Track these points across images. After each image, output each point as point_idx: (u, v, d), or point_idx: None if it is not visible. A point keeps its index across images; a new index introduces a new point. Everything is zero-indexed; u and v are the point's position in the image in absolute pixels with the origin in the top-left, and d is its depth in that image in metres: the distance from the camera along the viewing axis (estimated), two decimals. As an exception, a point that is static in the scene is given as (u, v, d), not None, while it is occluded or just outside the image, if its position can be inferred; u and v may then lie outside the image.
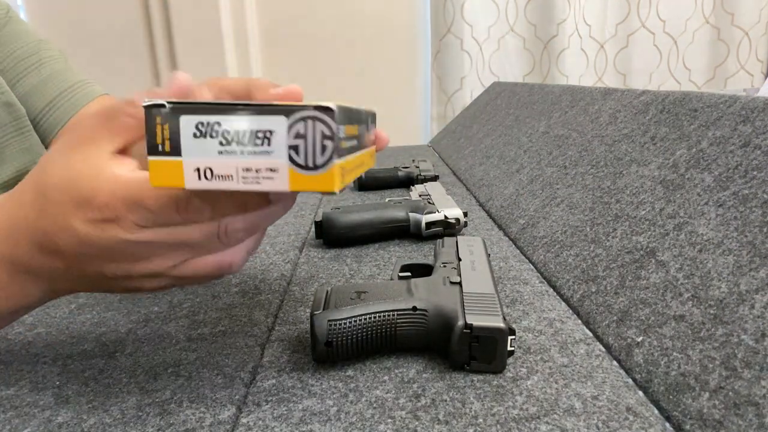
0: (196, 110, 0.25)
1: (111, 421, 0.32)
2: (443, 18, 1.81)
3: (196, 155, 0.25)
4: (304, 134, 0.24)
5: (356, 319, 0.36)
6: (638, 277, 0.42)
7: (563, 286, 0.49)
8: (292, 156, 0.24)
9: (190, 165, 0.25)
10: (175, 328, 0.44)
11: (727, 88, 1.96)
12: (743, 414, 0.28)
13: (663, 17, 1.91)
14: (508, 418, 0.31)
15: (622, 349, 0.37)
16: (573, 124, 0.76)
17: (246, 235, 0.32)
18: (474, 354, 0.35)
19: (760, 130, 0.42)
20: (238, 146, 0.25)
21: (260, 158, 0.25)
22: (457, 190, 0.92)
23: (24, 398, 0.35)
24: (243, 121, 0.24)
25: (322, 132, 0.24)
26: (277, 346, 0.41)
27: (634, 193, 0.51)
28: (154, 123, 0.25)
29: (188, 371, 0.37)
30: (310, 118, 0.24)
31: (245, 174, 0.25)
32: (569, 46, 1.87)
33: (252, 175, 0.25)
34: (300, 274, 0.55)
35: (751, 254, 0.35)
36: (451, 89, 1.87)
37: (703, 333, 0.33)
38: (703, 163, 0.45)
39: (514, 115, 1.06)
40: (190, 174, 0.25)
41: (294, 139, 0.24)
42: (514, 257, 0.58)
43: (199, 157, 0.25)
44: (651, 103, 0.60)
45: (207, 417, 0.32)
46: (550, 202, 0.64)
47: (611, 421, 0.31)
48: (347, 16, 1.87)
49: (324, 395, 0.34)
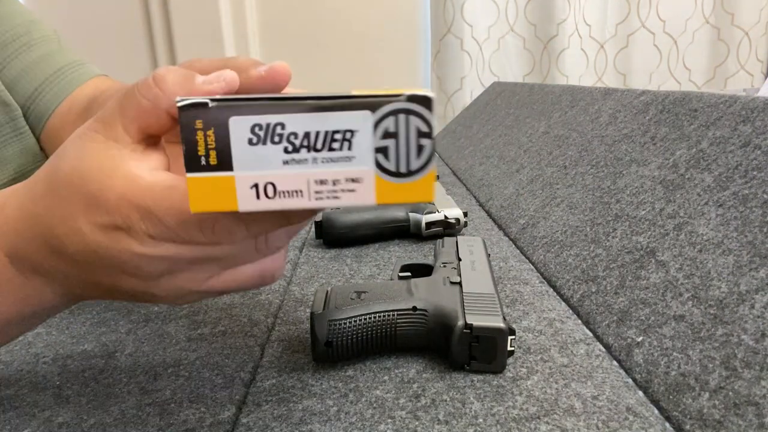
0: (250, 109, 0.20)
1: (111, 421, 0.32)
2: (443, 18, 1.81)
3: (254, 168, 0.20)
4: (395, 132, 0.20)
5: (356, 319, 0.36)
6: (638, 277, 0.42)
7: (563, 286, 0.49)
8: (380, 161, 0.20)
9: (246, 181, 0.20)
10: (175, 328, 0.44)
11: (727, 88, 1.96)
12: (743, 414, 0.28)
13: (663, 17, 1.91)
14: (508, 418, 0.31)
15: (622, 349, 0.37)
16: (573, 124, 0.76)
17: (289, 240, 0.28)
18: (474, 354, 0.35)
19: (760, 130, 0.42)
20: (310, 153, 0.20)
21: (338, 166, 0.20)
22: (457, 190, 0.92)
23: (24, 398, 0.35)
24: (315, 120, 0.20)
25: (418, 128, 0.20)
26: (277, 346, 0.41)
27: (634, 193, 0.51)
28: (193, 128, 0.20)
29: (188, 371, 0.37)
30: (402, 112, 0.20)
31: (319, 187, 0.20)
32: (569, 46, 1.86)
33: (328, 189, 0.20)
34: (300, 274, 0.55)
35: (751, 254, 0.35)
36: (451, 89, 1.87)
37: (703, 333, 0.33)
38: (703, 163, 0.45)
39: (514, 115, 1.05)
40: (245, 192, 0.20)
41: (382, 139, 0.20)
42: (514, 257, 0.58)
43: (257, 170, 0.20)
44: (651, 103, 0.60)
45: (207, 417, 0.32)
46: (550, 202, 0.64)
47: (611, 421, 0.31)
48: (347, 16, 1.87)
49: (324, 395, 0.34)
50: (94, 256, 0.24)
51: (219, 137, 0.20)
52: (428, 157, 0.20)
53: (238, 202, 0.20)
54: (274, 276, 0.28)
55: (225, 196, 0.20)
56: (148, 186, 0.23)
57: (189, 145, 0.20)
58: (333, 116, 0.20)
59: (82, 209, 0.23)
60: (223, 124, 0.20)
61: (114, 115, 0.24)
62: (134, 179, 0.23)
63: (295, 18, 1.85)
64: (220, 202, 0.20)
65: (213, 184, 0.20)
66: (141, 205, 0.22)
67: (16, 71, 0.58)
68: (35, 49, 0.59)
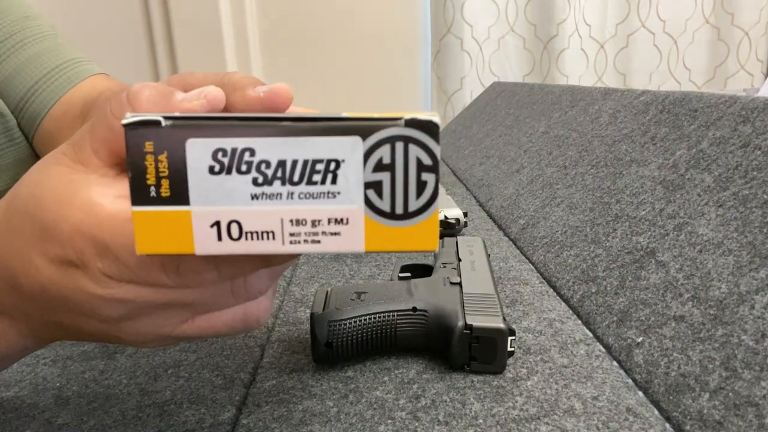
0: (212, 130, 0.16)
1: (111, 423, 0.32)
2: (443, 18, 1.81)
3: (215, 202, 0.17)
4: (390, 164, 0.17)
5: (356, 319, 0.36)
6: (638, 277, 0.42)
7: (563, 286, 0.49)
8: (371, 199, 0.17)
9: (205, 218, 0.17)
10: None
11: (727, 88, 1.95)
12: (743, 415, 0.28)
13: (663, 17, 1.91)
14: (508, 418, 0.31)
15: (622, 350, 0.37)
16: (573, 124, 0.76)
17: (273, 282, 0.24)
18: (474, 354, 0.35)
19: (760, 131, 0.42)
20: (285, 186, 0.17)
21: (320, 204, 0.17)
22: (457, 190, 0.92)
23: (24, 400, 0.35)
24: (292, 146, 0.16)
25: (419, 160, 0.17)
26: (277, 347, 0.41)
27: (634, 193, 0.51)
28: (141, 152, 0.16)
29: (188, 372, 0.37)
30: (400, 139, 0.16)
31: (295, 229, 0.17)
32: (569, 46, 1.86)
33: (306, 231, 0.17)
34: (300, 274, 0.55)
35: (751, 254, 0.35)
36: (451, 89, 1.87)
37: (703, 333, 0.33)
38: (703, 164, 0.45)
39: (514, 115, 1.05)
40: (204, 232, 0.17)
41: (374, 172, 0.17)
42: (514, 257, 0.58)
43: (219, 206, 0.17)
44: (651, 103, 0.60)
45: (207, 418, 0.32)
46: (550, 203, 0.64)
47: (611, 421, 0.31)
48: (347, 16, 1.87)
49: (324, 396, 0.34)
50: (49, 294, 0.21)
51: (173, 163, 0.17)
52: (431, 195, 0.17)
53: (195, 243, 0.17)
54: (258, 321, 0.25)
55: (179, 236, 0.17)
56: (107, 216, 0.19)
57: (136, 172, 0.17)
58: (314, 142, 0.16)
59: (36, 241, 0.21)
60: (179, 148, 0.16)
61: (84, 136, 0.21)
62: (93, 208, 0.19)
63: (295, 18, 1.85)
64: (174, 243, 0.17)
65: (164, 221, 0.17)
66: (97, 239, 0.19)
67: (9, 71, 0.55)
68: (29, 47, 0.56)
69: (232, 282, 0.22)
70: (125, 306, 0.21)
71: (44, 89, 0.55)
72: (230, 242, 0.17)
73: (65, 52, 0.58)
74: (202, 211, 0.17)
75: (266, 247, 0.17)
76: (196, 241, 0.17)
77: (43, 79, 0.55)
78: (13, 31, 0.56)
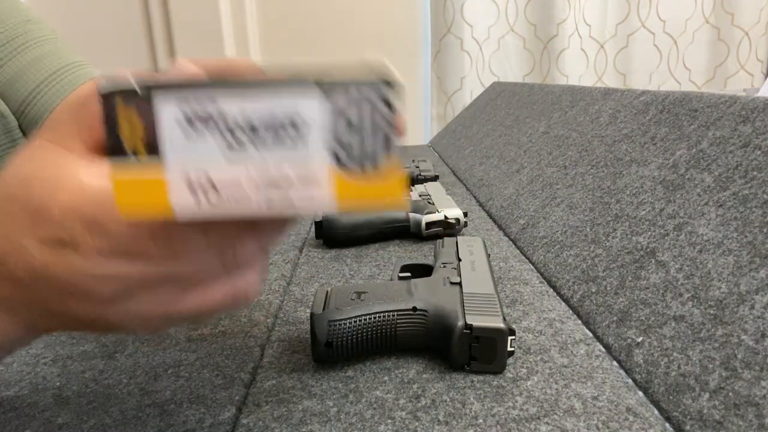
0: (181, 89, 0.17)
1: (111, 422, 0.32)
2: (443, 18, 1.81)
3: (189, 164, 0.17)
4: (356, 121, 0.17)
5: (356, 319, 0.36)
6: (638, 277, 0.42)
7: (563, 286, 0.49)
8: (339, 154, 0.17)
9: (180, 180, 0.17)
10: (175, 328, 0.44)
11: (727, 88, 1.96)
12: (743, 414, 0.28)
13: (663, 17, 1.91)
14: (508, 418, 0.31)
15: (622, 350, 0.37)
16: (573, 124, 0.76)
17: (262, 254, 0.25)
18: (474, 354, 0.35)
19: (760, 131, 0.42)
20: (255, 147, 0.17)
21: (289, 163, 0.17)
22: (457, 190, 0.92)
23: (24, 399, 0.35)
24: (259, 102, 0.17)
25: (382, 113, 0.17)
26: (277, 347, 0.41)
27: (634, 193, 0.51)
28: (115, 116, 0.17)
29: (188, 372, 0.37)
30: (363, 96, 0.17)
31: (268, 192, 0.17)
32: (569, 46, 1.87)
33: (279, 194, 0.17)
34: (300, 274, 0.55)
35: (751, 254, 0.35)
36: (451, 89, 1.87)
37: (703, 333, 0.33)
38: (703, 164, 0.45)
39: (514, 115, 1.05)
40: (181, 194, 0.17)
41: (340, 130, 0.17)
42: (514, 257, 0.58)
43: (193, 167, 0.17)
44: (651, 103, 0.60)
45: (207, 418, 0.32)
46: (550, 203, 0.64)
47: (611, 421, 0.31)
48: (347, 16, 1.87)
49: (324, 396, 0.34)
50: (40, 278, 0.22)
51: (147, 126, 0.17)
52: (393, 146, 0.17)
53: (174, 207, 0.18)
54: (248, 296, 0.25)
55: (157, 198, 0.18)
56: (94, 193, 0.20)
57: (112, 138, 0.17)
58: (279, 98, 0.16)
59: (26, 223, 0.21)
60: (150, 110, 0.17)
61: (65, 120, 0.22)
62: (80, 187, 0.20)
63: (295, 18, 1.85)
64: (153, 206, 0.18)
65: (142, 185, 0.18)
66: (87, 216, 0.20)
67: (10, 74, 0.56)
68: (31, 50, 0.57)
69: (222, 252, 0.23)
70: (117, 282, 0.21)
71: (46, 92, 0.56)
72: (207, 206, 0.18)
73: (66, 55, 0.59)
74: (177, 173, 0.17)
75: (243, 210, 0.18)
76: (175, 204, 0.18)
77: (45, 83, 0.56)
78: (14, 34, 0.57)
